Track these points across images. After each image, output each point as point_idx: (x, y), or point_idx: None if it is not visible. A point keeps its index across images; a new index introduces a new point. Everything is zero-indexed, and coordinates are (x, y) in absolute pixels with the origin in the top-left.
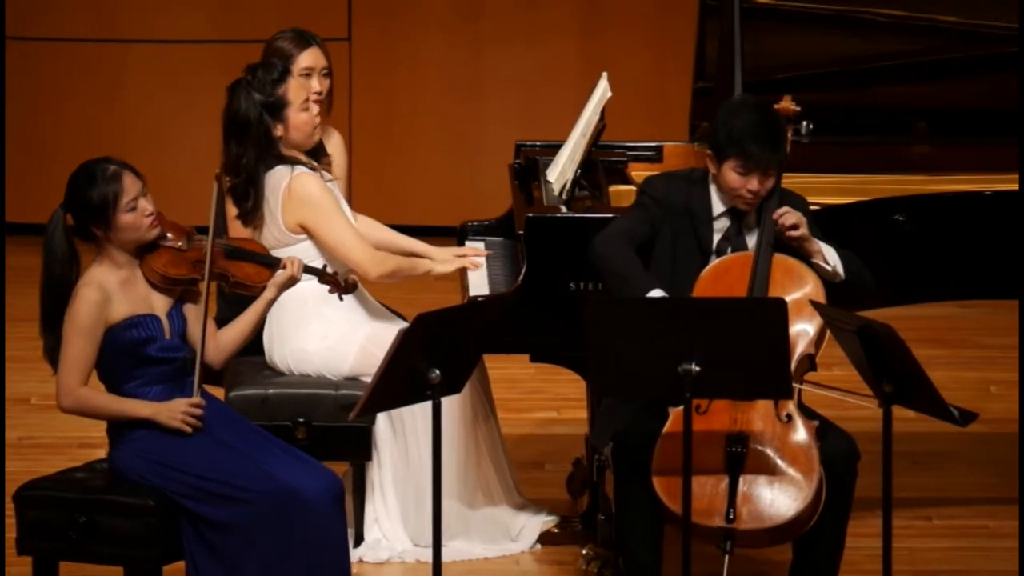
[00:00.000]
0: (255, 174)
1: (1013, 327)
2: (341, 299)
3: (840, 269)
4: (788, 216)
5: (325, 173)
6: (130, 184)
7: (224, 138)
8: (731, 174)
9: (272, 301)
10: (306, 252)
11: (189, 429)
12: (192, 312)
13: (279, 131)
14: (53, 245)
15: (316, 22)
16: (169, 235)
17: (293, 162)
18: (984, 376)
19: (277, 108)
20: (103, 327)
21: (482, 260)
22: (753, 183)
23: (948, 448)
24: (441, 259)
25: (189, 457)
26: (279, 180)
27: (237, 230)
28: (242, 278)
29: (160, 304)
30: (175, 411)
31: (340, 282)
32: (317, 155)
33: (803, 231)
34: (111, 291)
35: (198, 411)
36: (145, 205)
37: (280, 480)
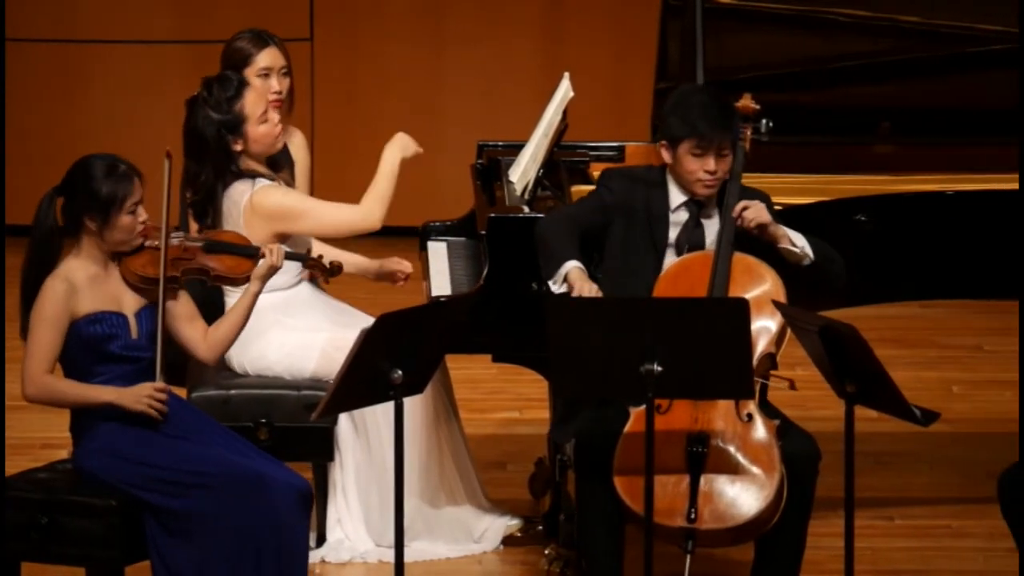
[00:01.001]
0: (213, 192)
1: (975, 327)
2: (327, 281)
3: (808, 251)
4: (747, 211)
5: (284, 186)
6: (137, 187)
7: (184, 154)
8: (687, 157)
9: (258, 293)
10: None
11: (154, 412)
12: (178, 316)
13: (239, 146)
14: (46, 224)
15: (278, 22)
16: (147, 235)
17: (253, 176)
18: (946, 376)
19: (235, 125)
20: (68, 318)
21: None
22: (710, 163)
23: (910, 448)
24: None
25: (153, 451)
26: (240, 196)
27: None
28: (223, 271)
29: (131, 304)
30: (139, 395)
31: (325, 265)
32: (280, 163)
33: (764, 217)
34: (78, 285)
35: (162, 395)
36: (142, 212)
37: (245, 465)
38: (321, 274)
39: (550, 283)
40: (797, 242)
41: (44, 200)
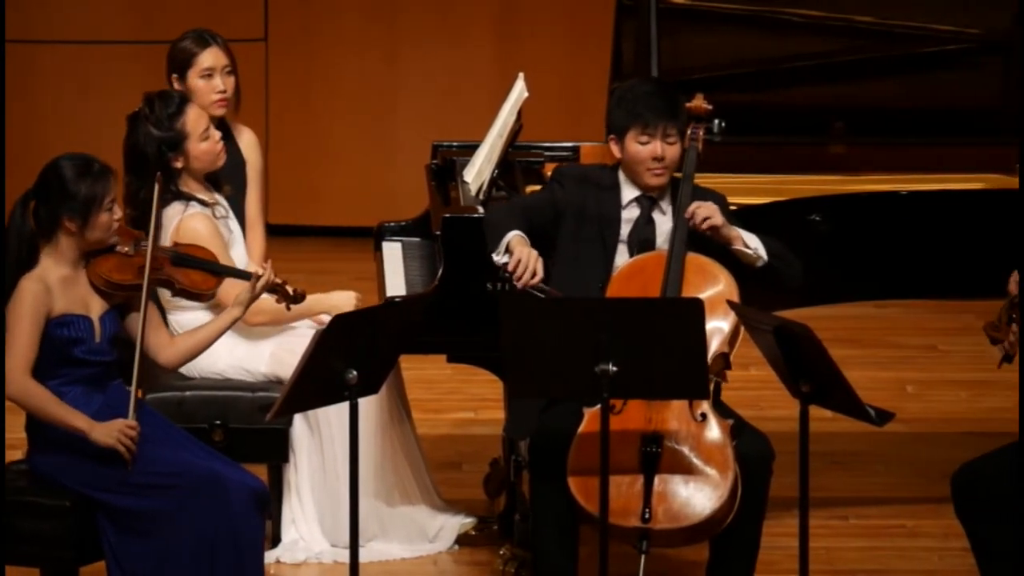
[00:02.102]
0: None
1: (929, 327)
2: (289, 308)
3: (762, 252)
4: (699, 211)
5: (219, 209)
6: (113, 185)
7: (124, 169)
8: (634, 145)
9: (238, 319)
10: None
11: (123, 450)
12: (138, 322)
13: (179, 163)
14: (23, 230)
15: (232, 22)
16: (116, 239)
17: (188, 199)
18: (900, 376)
19: (176, 142)
20: (44, 318)
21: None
22: (656, 148)
23: (865, 448)
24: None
25: (110, 451)
26: (172, 217)
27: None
28: (188, 285)
29: (96, 307)
30: (111, 430)
31: (288, 291)
32: (220, 180)
33: (717, 219)
34: (52, 285)
35: (133, 433)
36: (117, 209)
37: (201, 465)
38: (284, 300)
39: (493, 256)
40: (750, 243)
41: (17, 205)
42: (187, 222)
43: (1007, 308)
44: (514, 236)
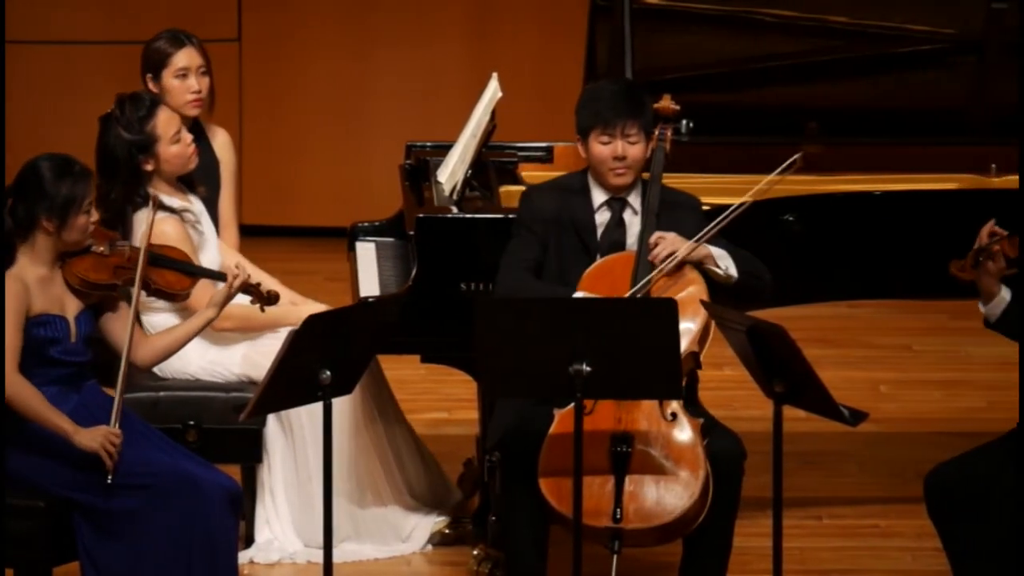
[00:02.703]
0: (123, 212)
1: (903, 327)
2: (263, 310)
3: (733, 271)
4: (661, 248)
5: (189, 215)
6: (91, 187)
7: (96, 171)
8: (597, 147)
9: (213, 320)
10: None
11: (106, 456)
12: (116, 322)
13: (150, 166)
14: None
15: (205, 22)
16: (92, 240)
17: (158, 204)
18: (874, 376)
19: (146, 145)
20: (25, 314)
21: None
22: (617, 148)
23: (838, 448)
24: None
25: (85, 452)
26: (141, 221)
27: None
28: (163, 285)
29: (71, 307)
30: (95, 435)
31: (263, 293)
32: (194, 182)
33: (680, 250)
34: (29, 284)
35: (117, 441)
36: (93, 212)
37: (176, 466)
38: (259, 301)
39: None
40: (721, 263)
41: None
42: (159, 224)
43: (975, 253)
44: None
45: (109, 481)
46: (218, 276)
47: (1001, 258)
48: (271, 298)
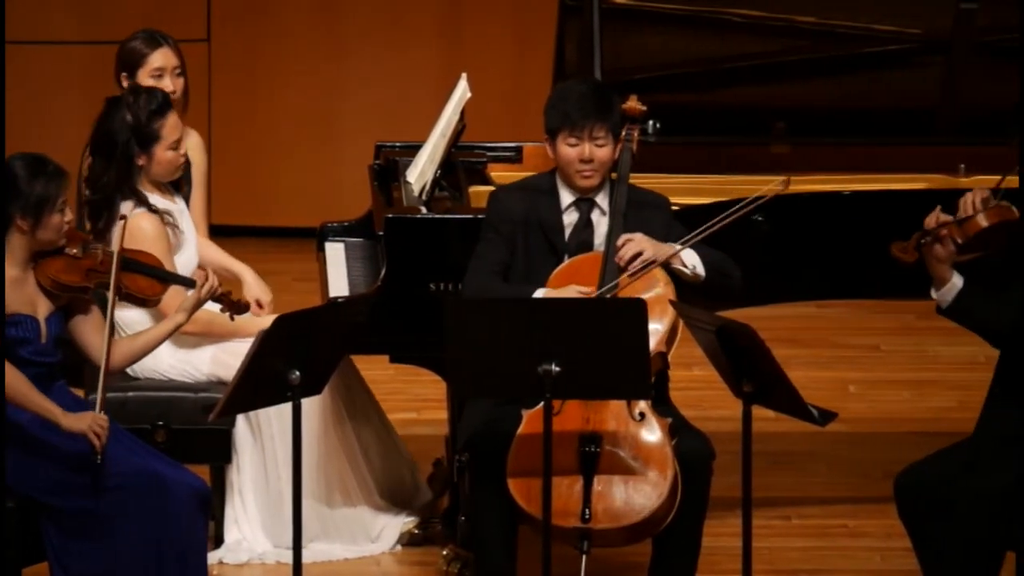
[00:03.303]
0: (112, 198)
1: (872, 327)
2: (232, 318)
3: (700, 270)
4: (627, 250)
5: (169, 217)
6: (66, 187)
7: (91, 149)
8: (563, 148)
9: (182, 325)
10: None
11: (94, 437)
12: (86, 324)
13: (142, 161)
14: None
15: (175, 23)
16: (65, 240)
17: (142, 200)
18: (842, 376)
19: (147, 139)
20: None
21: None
22: (584, 150)
23: (807, 448)
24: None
25: (56, 453)
26: (127, 215)
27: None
28: (134, 291)
29: (42, 308)
30: (83, 418)
31: (232, 301)
32: (180, 184)
33: (648, 251)
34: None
35: (105, 424)
36: (68, 211)
37: (145, 466)
38: (229, 309)
39: None
40: (688, 261)
41: None
42: (135, 221)
43: (918, 235)
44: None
45: (99, 461)
46: (190, 283)
47: (950, 243)
48: (241, 306)
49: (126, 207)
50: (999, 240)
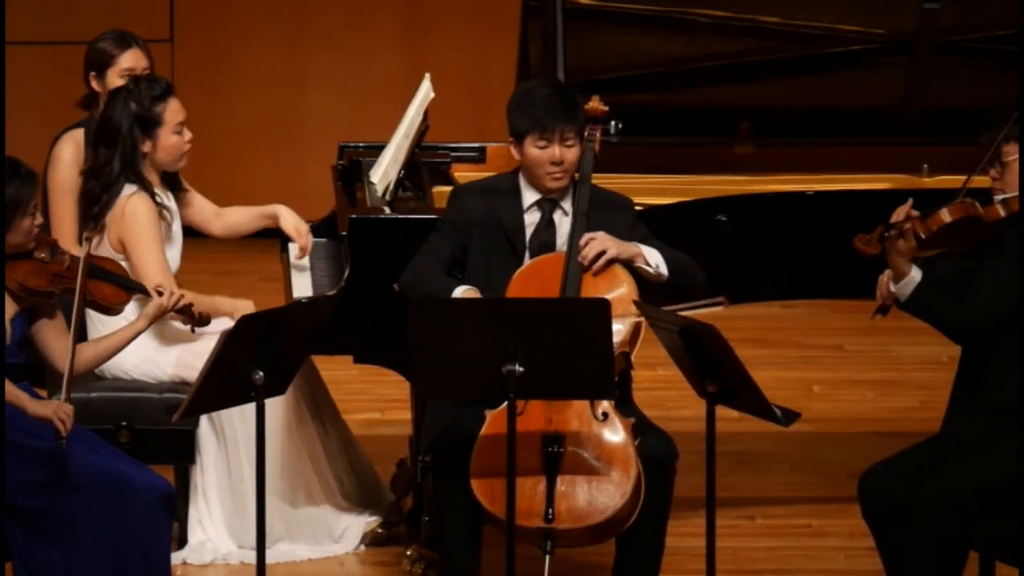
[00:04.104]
0: (114, 184)
1: (835, 327)
2: (193, 331)
3: (663, 269)
4: (590, 248)
5: (166, 213)
6: (36, 190)
7: (94, 141)
8: (532, 150)
9: (142, 331)
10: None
11: (59, 423)
12: (49, 329)
13: (147, 147)
14: None
15: (138, 23)
16: (34, 244)
17: (146, 186)
18: (806, 376)
19: (150, 124)
20: None
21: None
22: (555, 152)
23: (771, 448)
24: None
25: (21, 453)
26: (122, 195)
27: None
28: (99, 298)
29: (8, 309)
30: (49, 405)
31: (194, 314)
32: (176, 183)
33: (611, 249)
34: None
35: (69, 410)
36: (38, 215)
37: (109, 466)
38: (190, 321)
39: None
40: (651, 260)
41: None
42: (131, 201)
43: (882, 228)
44: (464, 292)
45: (64, 445)
46: (156, 292)
47: (912, 237)
48: (202, 320)
49: (127, 190)
50: (961, 236)
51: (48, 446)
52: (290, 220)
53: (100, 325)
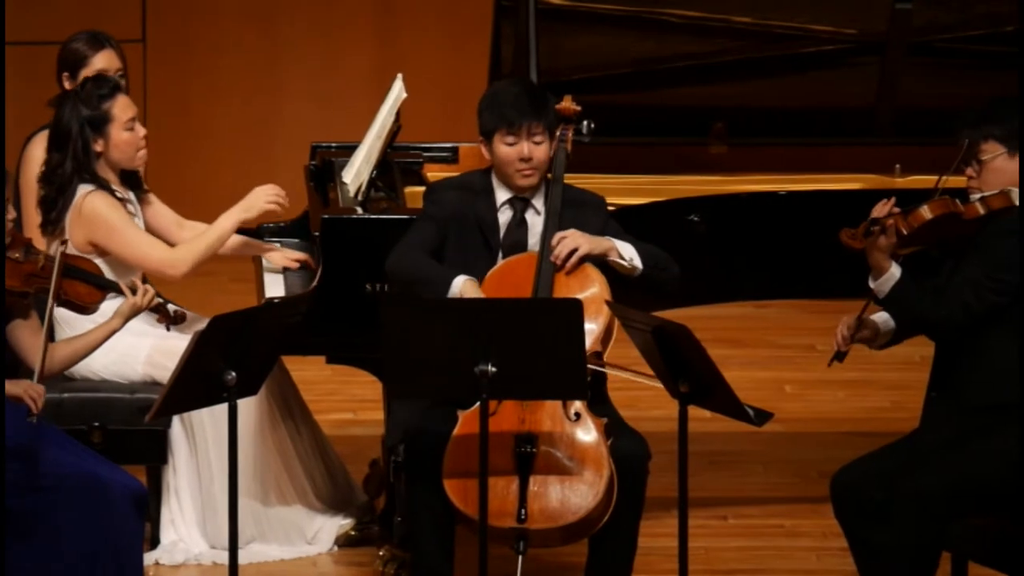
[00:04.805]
0: (67, 186)
1: (807, 327)
2: (168, 329)
3: (637, 263)
4: (562, 247)
5: (130, 205)
6: (9, 188)
7: (48, 147)
8: (502, 148)
9: (116, 331)
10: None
11: (30, 401)
12: (23, 328)
13: (99, 146)
14: None
15: (110, 23)
16: (10, 240)
17: (102, 184)
18: (779, 376)
19: (99, 123)
20: None
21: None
22: (523, 149)
23: (743, 448)
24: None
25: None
26: (77, 197)
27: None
28: (72, 297)
29: None
30: (20, 383)
31: (169, 313)
32: (137, 183)
33: (583, 246)
34: None
35: (40, 389)
36: (11, 210)
37: (81, 467)
38: (165, 320)
39: None
40: (625, 253)
41: None
42: (88, 200)
43: (868, 223)
44: (466, 283)
45: (34, 422)
46: (130, 290)
47: (893, 233)
48: (177, 317)
49: (82, 190)
50: (940, 233)
51: (20, 442)
52: (277, 259)
53: (67, 327)
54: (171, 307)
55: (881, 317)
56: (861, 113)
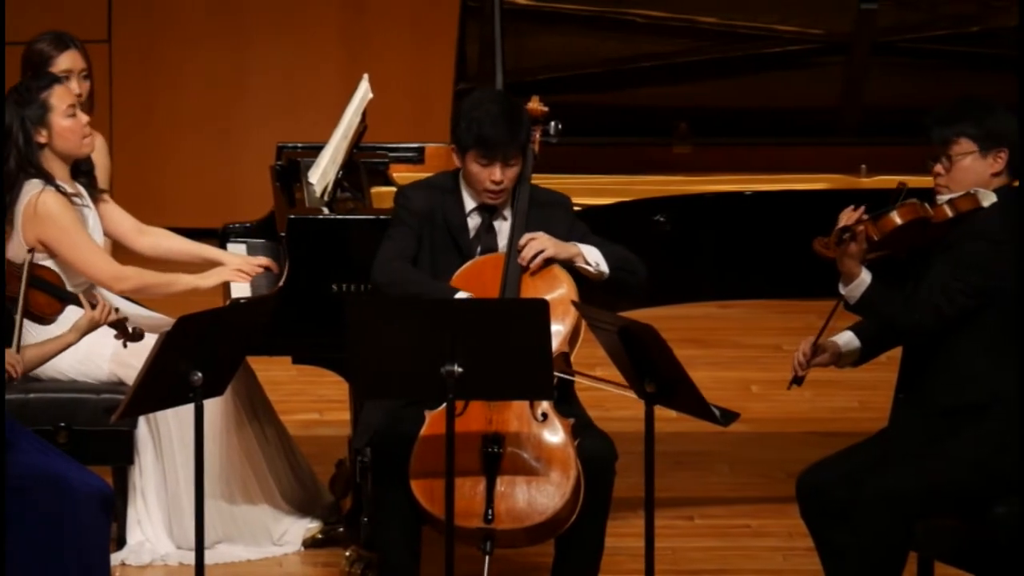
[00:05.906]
0: (13, 183)
1: (773, 327)
2: (126, 346)
3: (604, 267)
4: (529, 249)
5: (76, 199)
6: None
7: None
8: (474, 166)
9: (72, 344)
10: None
11: (11, 368)
12: None
13: (43, 137)
14: None
15: (76, 23)
16: None
17: (49, 179)
18: (745, 376)
19: (38, 114)
20: None
21: (251, 274)
22: (495, 172)
23: (710, 448)
24: (211, 272)
25: None
26: (27, 194)
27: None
28: (32, 307)
29: None
30: None
31: (128, 330)
32: (87, 171)
33: (549, 249)
34: None
35: (18, 357)
36: None
37: (50, 467)
38: (123, 336)
39: None
40: (590, 258)
41: None
42: (41, 198)
43: (840, 230)
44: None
45: (16, 383)
46: (89, 304)
47: (863, 240)
48: (135, 335)
49: (31, 185)
50: (909, 238)
51: None
52: (237, 263)
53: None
54: (129, 325)
55: (843, 338)
56: (827, 113)
